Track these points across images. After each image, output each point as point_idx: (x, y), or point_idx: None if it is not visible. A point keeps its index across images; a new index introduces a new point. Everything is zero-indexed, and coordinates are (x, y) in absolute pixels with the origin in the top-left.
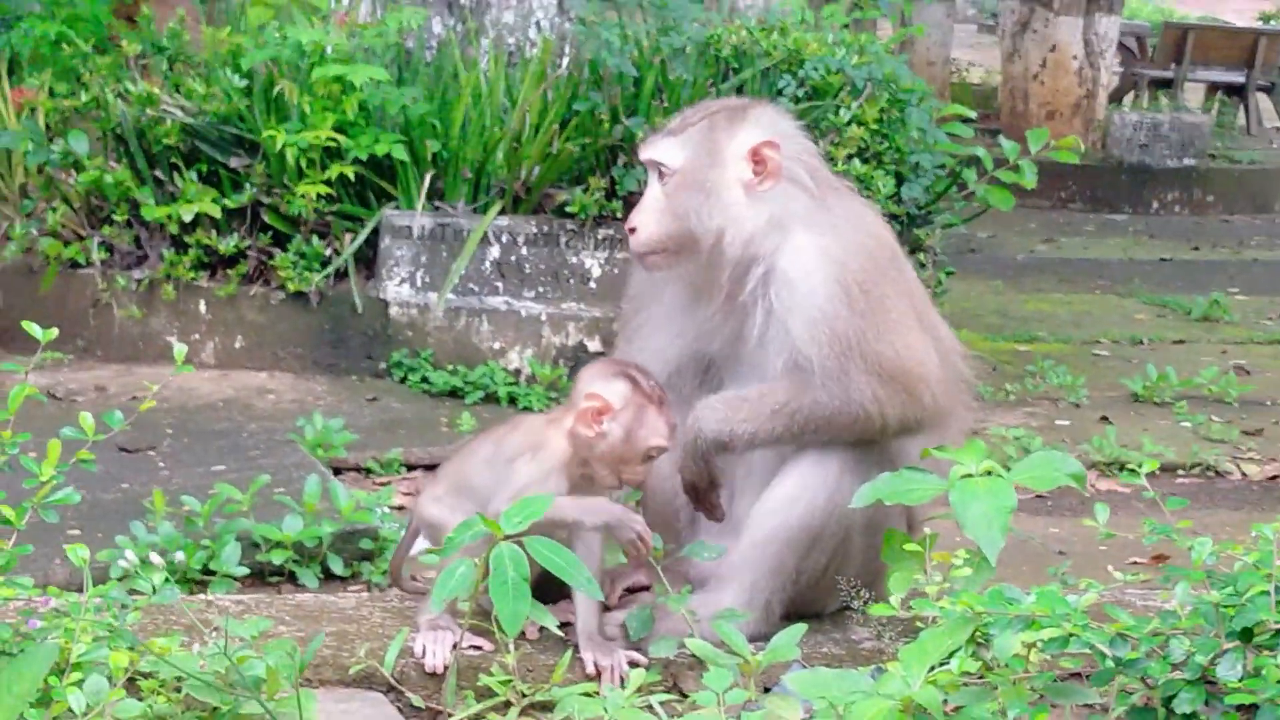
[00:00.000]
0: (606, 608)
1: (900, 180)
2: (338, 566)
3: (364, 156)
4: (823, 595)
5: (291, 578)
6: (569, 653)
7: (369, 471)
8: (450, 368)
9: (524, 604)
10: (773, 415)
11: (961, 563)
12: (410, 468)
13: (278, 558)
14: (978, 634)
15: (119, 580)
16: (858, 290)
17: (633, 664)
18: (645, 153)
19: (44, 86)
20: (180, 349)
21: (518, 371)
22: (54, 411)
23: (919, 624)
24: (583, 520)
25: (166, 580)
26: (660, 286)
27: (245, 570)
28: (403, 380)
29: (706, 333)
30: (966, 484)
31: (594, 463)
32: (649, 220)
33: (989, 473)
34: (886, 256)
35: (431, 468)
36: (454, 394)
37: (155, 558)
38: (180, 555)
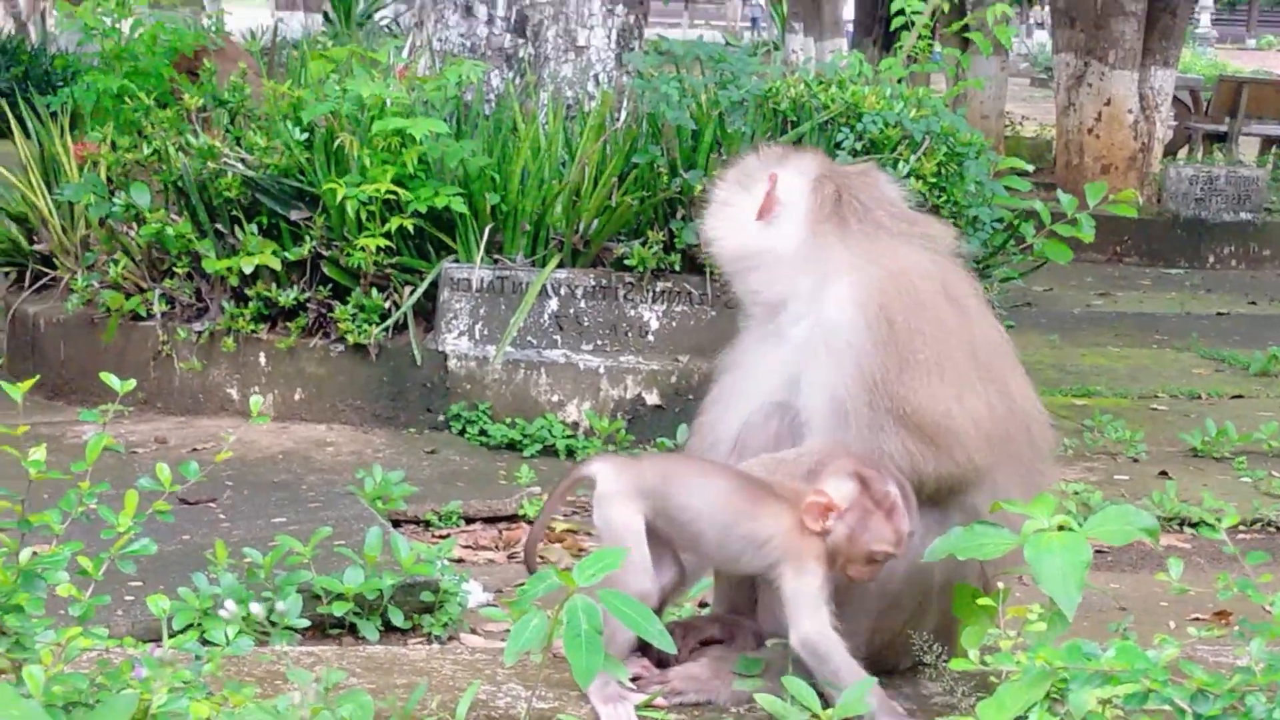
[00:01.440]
0: (676, 660)
1: (958, 234)
2: (398, 619)
3: (423, 209)
4: (896, 653)
5: (352, 630)
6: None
7: (428, 524)
8: (508, 420)
9: (597, 656)
10: (808, 476)
11: (1036, 618)
12: (469, 520)
13: (339, 609)
14: (1054, 689)
15: (187, 628)
16: (881, 321)
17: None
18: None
19: (106, 140)
20: (256, 400)
21: (576, 424)
22: (114, 463)
23: (992, 679)
24: None
25: (240, 632)
26: (746, 328)
27: (306, 622)
28: (461, 433)
29: (770, 378)
30: (1041, 538)
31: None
32: (718, 240)
33: (1063, 527)
34: (932, 295)
35: (491, 520)
36: (512, 446)
37: (229, 606)
38: (256, 606)
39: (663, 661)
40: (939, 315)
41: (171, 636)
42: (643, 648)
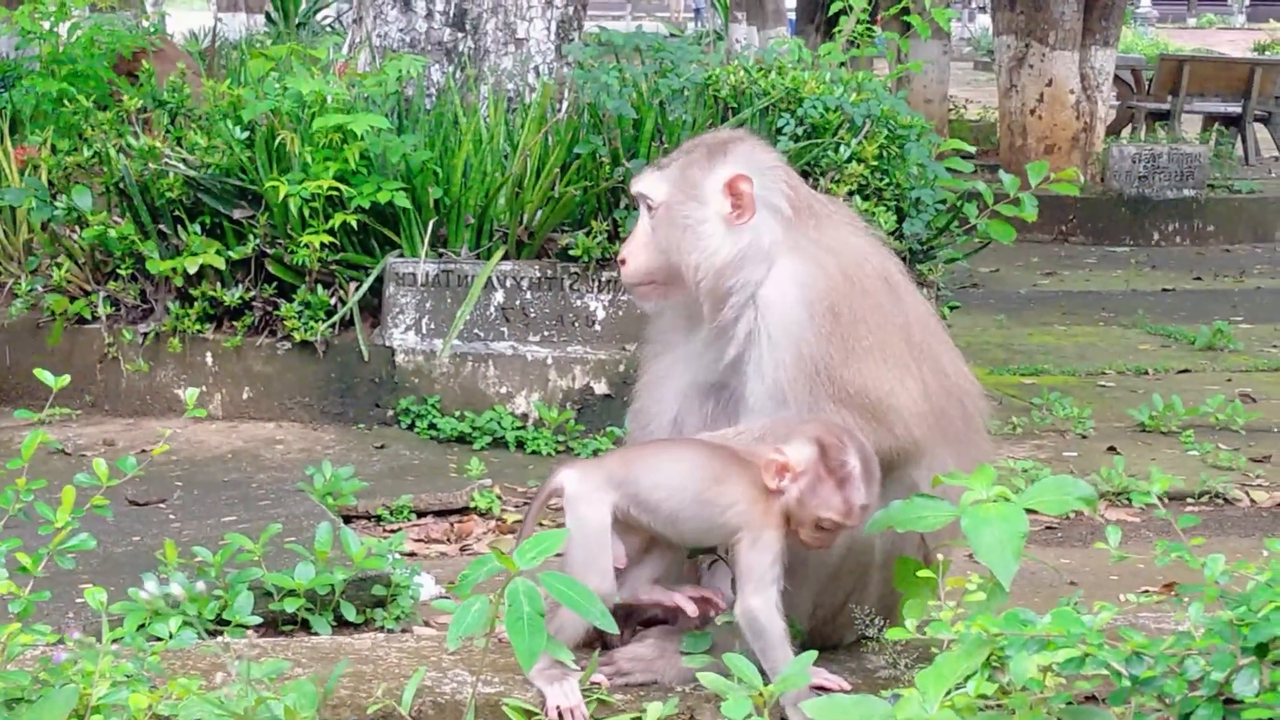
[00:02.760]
0: (621, 642)
1: (901, 216)
2: (351, 613)
3: (366, 205)
4: (840, 628)
5: (305, 625)
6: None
7: (379, 519)
8: (457, 413)
9: (540, 639)
10: (774, 439)
11: (975, 588)
12: (420, 514)
13: (291, 606)
14: (993, 657)
15: (138, 629)
16: (827, 314)
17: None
18: (634, 186)
19: (46, 143)
20: (192, 393)
21: (525, 416)
22: (63, 466)
23: (934, 651)
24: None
25: (183, 625)
26: (668, 319)
27: (258, 619)
28: (410, 427)
29: (702, 364)
30: (978, 509)
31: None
32: (637, 252)
33: (1000, 498)
34: (871, 283)
35: (442, 514)
36: (462, 440)
37: (176, 588)
38: (200, 585)
39: (607, 645)
40: (878, 300)
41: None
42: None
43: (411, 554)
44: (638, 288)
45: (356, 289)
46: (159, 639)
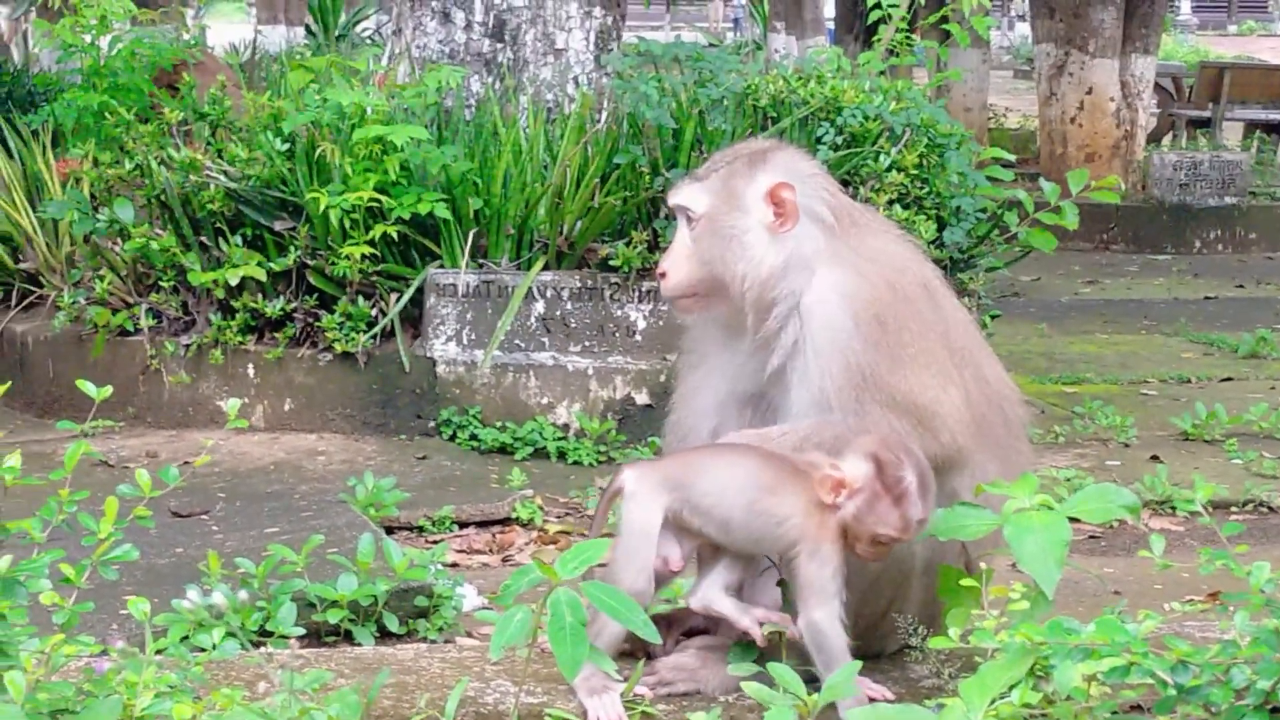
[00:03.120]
0: (664, 651)
1: (942, 225)
2: (393, 624)
3: (406, 216)
4: (882, 637)
5: (348, 637)
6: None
7: (421, 530)
8: (499, 424)
9: (582, 648)
10: (795, 452)
11: (1018, 597)
12: (462, 525)
13: (334, 617)
14: (1038, 667)
15: (181, 640)
16: (873, 323)
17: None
18: (673, 198)
19: (88, 156)
20: (234, 404)
21: (566, 426)
22: (106, 478)
23: (978, 660)
24: None
25: (226, 636)
26: (705, 330)
27: (301, 630)
28: (452, 438)
29: (742, 374)
30: (1021, 518)
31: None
32: (678, 265)
33: (1043, 506)
34: (914, 291)
35: (484, 524)
36: (503, 450)
37: (219, 599)
38: (243, 594)
39: (650, 655)
40: (919, 308)
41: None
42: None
43: (454, 565)
44: (679, 300)
45: (397, 300)
46: (202, 650)
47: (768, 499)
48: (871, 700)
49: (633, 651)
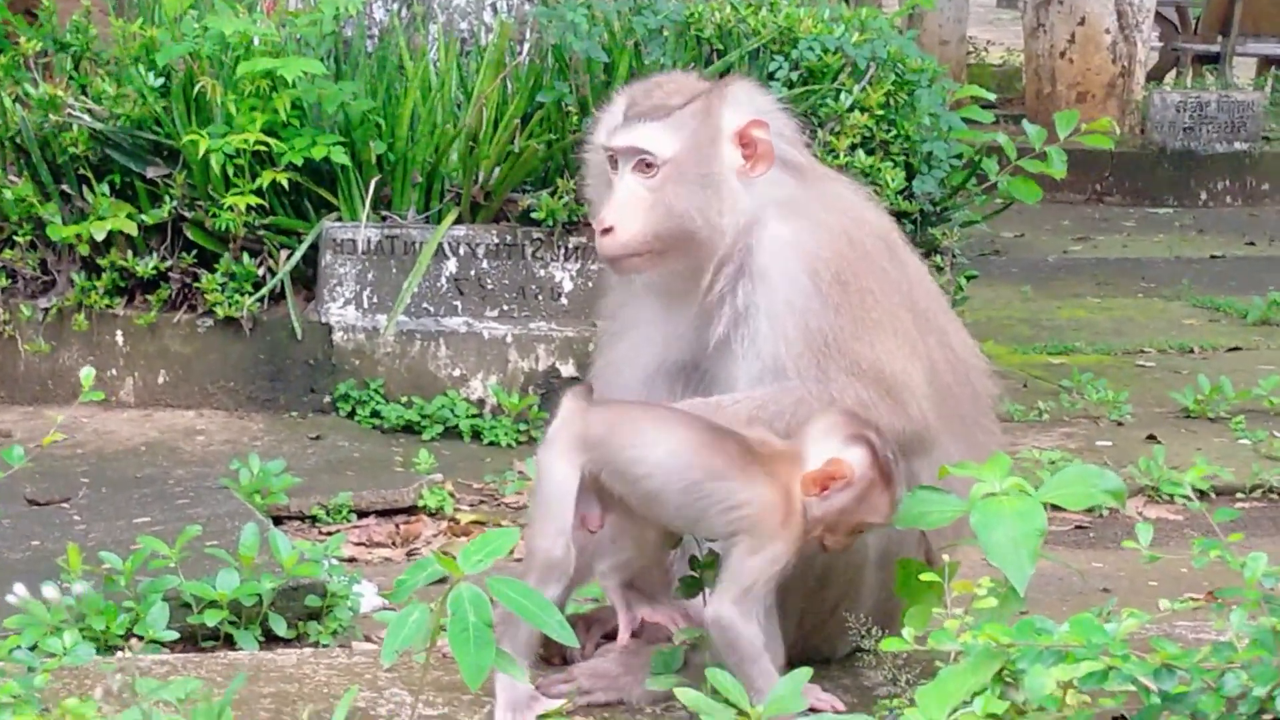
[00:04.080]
0: (581, 655)
1: (911, 173)
2: (280, 627)
3: (299, 162)
4: (831, 638)
5: (228, 641)
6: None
7: (314, 520)
8: (404, 400)
9: (487, 653)
10: (750, 422)
11: (985, 594)
12: (361, 514)
13: (211, 619)
14: (1005, 671)
15: (31, 647)
16: (834, 283)
17: None
18: (624, 139)
19: None
20: (88, 373)
21: (481, 402)
22: None
23: (938, 665)
24: None
25: (81, 639)
26: (631, 292)
27: (174, 634)
28: (350, 415)
29: (677, 342)
30: (990, 504)
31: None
32: (631, 217)
33: (1016, 490)
34: (875, 247)
35: (386, 513)
36: (409, 429)
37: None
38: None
39: (568, 658)
40: (882, 265)
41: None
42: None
43: (351, 559)
44: (627, 260)
45: (288, 258)
46: (53, 655)
47: (716, 483)
48: (815, 711)
49: (547, 657)
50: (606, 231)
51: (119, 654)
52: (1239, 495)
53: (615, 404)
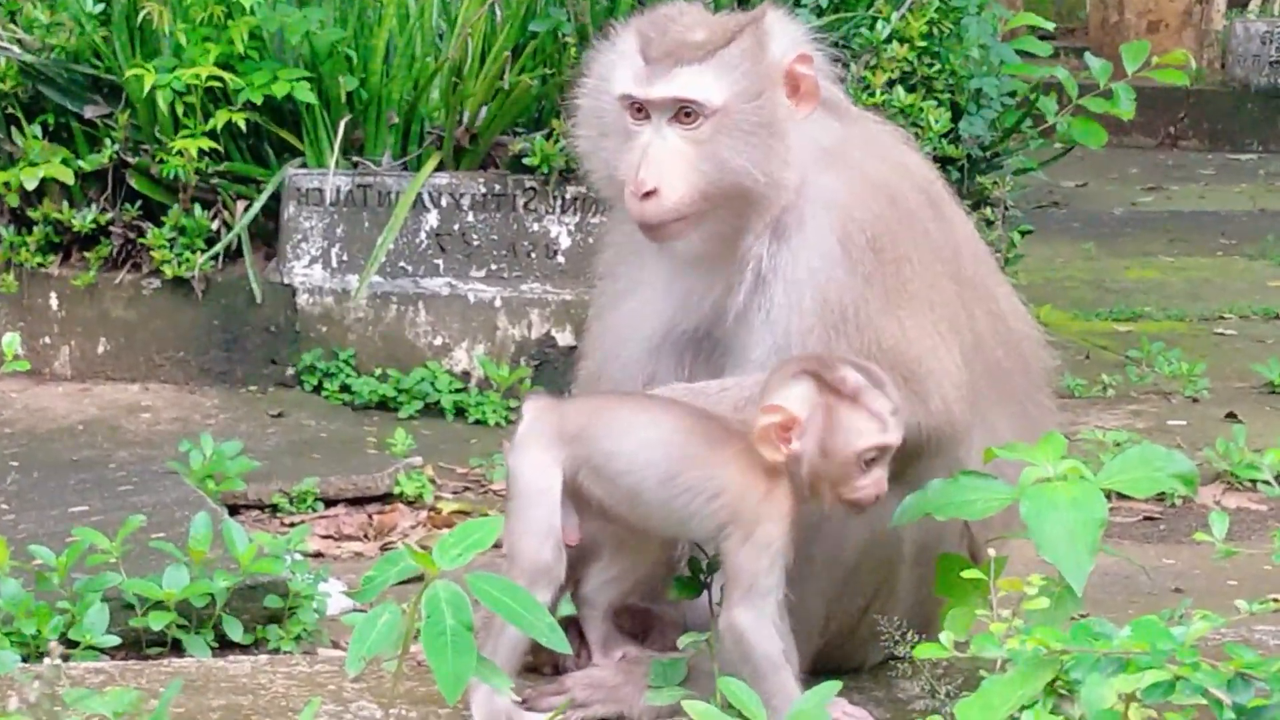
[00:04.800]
0: (576, 664)
1: (958, 113)
2: (236, 631)
3: (258, 100)
4: (861, 644)
5: (176, 647)
6: None
7: (276, 509)
8: (378, 372)
9: (468, 660)
10: (739, 413)
11: (1036, 593)
12: (329, 503)
13: (157, 622)
14: (1059, 682)
15: None
16: (867, 248)
17: None
18: (663, 89)
19: None
20: (11, 339)
21: (466, 374)
22: None
23: (982, 674)
24: None
25: (7, 645)
26: (636, 248)
27: (115, 640)
28: (316, 389)
29: (691, 307)
30: (1042, 490)
31: (807, 491)
32: (680, 176)
33: (1073, 475)
34: (919, 203)
35: (357, 501)
36: (384, 405)
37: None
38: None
39: (561, 667)
40: (927, 229)
41: None
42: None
43: (317, 554)
44: (669, 225)
45: (245, 210)
46: None
47: (693, 472)
48: None
49: (537, 665)
50: (649, 195)
51: (46, 663)
52: None
53: (590, 395)
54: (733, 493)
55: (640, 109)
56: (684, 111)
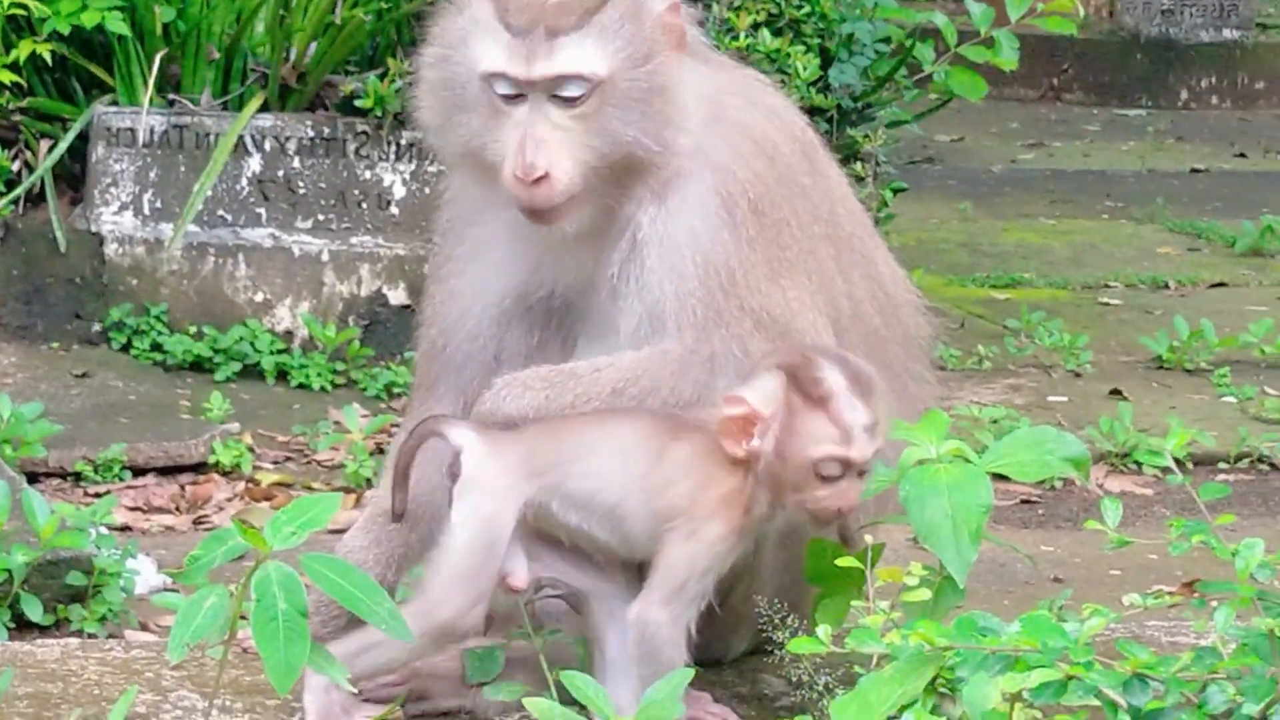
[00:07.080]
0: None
1: (827, 60)
2: (35, 611)
3: (65, 30)
4: (722, 635)
5: None
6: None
7: (79, 477)
8: (193, 330)
9: (300, 648)
10: (616, 396)
11: (917, 583)
12: (138, 472)
13: None
14: (941, 680)
15: None
16: (748, 210)
17: None
18: (543, 68)
19: None
20: None
21: (289, 334)
22: None
23: (858, 670)
24: None
25: None
26: (481, 203)
27: None
28: (125, 348)
29: (545, 271)
30: (924, 473)
31: (771, 495)
32: (569, 156)
33: (956, 457)
34: (795, 158)
35: (169, 470)
36: (198, 366)
37: None
38: None
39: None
40: (804, 186)
41: None
42: None
43: (125, 528)
44: (560, 210)
45: (50, 150)
46: None
47: (657, 469)
48: None
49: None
50: (539, 181)
51: None
52: (1222, 464)
53: (542, 423)
54: (687, 485)
55: (513, 86)
56: (565, 85)
